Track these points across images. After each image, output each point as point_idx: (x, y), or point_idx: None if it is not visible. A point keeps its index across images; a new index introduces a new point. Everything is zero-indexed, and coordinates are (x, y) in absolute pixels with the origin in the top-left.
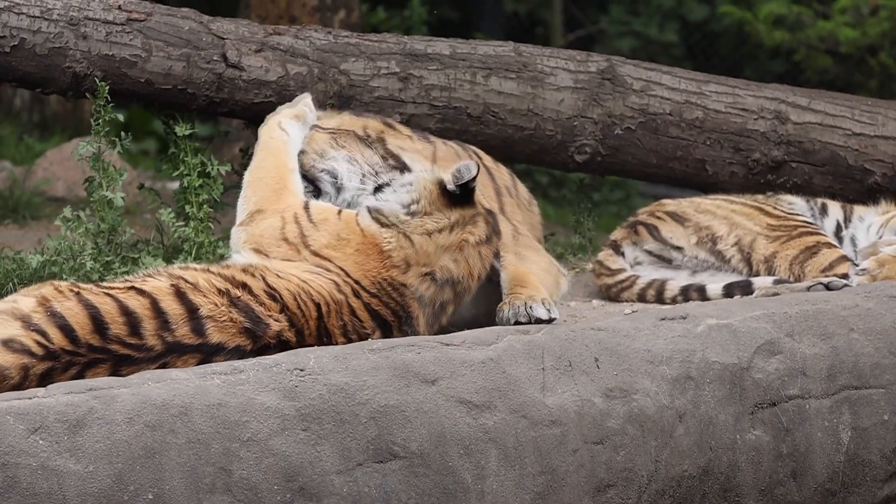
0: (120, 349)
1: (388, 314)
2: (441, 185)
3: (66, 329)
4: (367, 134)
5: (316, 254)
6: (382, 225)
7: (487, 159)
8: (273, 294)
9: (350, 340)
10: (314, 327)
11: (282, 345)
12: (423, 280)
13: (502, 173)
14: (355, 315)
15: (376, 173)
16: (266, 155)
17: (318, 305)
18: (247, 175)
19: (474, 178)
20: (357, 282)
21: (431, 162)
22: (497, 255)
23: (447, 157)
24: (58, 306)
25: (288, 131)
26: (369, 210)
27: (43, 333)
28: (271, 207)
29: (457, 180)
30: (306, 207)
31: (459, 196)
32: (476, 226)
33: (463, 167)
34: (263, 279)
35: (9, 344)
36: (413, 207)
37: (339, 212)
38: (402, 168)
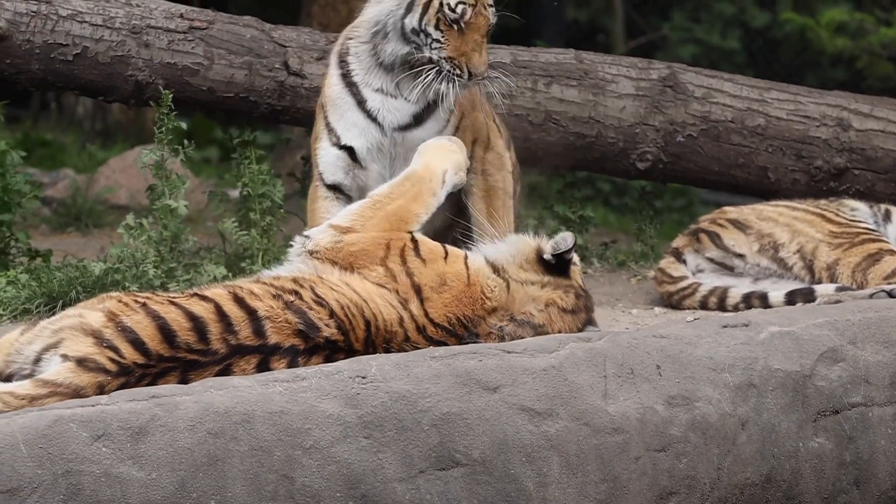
0: (188, 355)
1: (448, 340)
2: (538, 252)
3: (137, 343)
4: None
5: (415, 286)
6: (494, 271)
7: None
8: (321, 302)
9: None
10: (362, 337)
11: (330, 344)
12: (503, 319)
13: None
14: (408, 342)
15: None
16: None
17: (367, 322)
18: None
19: (570, 250)
20: (432, 321)
21: None
22: (583, 328)
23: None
24: (127, 320)
25: (444, 185)
26: (486, 259)
27: (115, 349)
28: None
29: (554, 250)
30: (414, 240)
31: (555, 265)
32: (567, 295)
33: (560, 239)
34: (312, 289)
35: (84, 363)
36: (512, 259)
37: (446, 255)
38: None
